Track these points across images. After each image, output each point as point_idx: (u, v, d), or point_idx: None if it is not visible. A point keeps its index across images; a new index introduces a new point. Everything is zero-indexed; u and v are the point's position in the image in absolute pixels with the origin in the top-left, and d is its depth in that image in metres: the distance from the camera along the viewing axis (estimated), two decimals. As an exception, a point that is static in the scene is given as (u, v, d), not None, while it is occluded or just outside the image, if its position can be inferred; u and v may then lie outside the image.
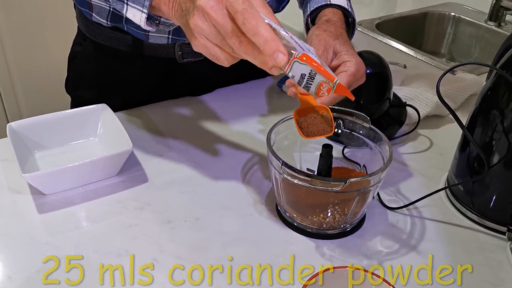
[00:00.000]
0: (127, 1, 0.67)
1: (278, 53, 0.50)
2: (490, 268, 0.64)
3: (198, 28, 0.55)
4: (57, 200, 0.71)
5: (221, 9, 0.53)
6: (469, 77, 1.02)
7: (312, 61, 0.53)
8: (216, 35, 0.54)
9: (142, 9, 0.66)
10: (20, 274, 0.61)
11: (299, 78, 0.55)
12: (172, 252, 0.64)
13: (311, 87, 0.55)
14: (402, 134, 0.87)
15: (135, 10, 0.67)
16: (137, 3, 0.66)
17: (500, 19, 1.37)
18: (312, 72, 0.54)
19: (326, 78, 0.54)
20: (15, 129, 0.76)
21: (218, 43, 0.55)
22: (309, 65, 0.53)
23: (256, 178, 0.77)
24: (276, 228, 0.69)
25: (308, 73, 0.54)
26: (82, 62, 0.97)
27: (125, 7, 0.68)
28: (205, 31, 0.55)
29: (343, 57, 0.69)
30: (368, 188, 0.64)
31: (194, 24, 0.55)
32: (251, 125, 0.90)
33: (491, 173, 0.67)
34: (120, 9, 0.69)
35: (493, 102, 0.66)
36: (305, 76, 0.54)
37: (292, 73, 0.54)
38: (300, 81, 0.55)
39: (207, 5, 0.53)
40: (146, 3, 0.65)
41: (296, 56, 0.53)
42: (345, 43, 0.71)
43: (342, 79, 0.67)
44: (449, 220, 0.71)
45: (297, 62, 0.53)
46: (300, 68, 0.54)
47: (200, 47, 0.57)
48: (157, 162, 0.80)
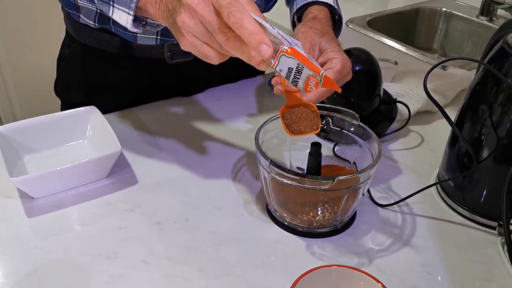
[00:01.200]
0: (113, 3, 0.67)
1: (263, 45, 0.51)
2: (482, 264, 0.64)
3: (185, 26, 0.55)
4: (46, 203, 0.71)
5: (207, 5, 0.53)
6: (460, 73, 1.02)
7: (298, 54, 0.53)
8: (203, 32, 0.55)
9: (128, 11, 0.65)
10: (9, 278, 0.60)
11: (286, 72, 0.55)
12: (162, 254, 0.64)
13: (299, 82, 0.55)
14: (393, 131, 0.87)
15: (121, 12, 0.66)
16: (123, 5, 0.66)
17: (491, 14, 1.37)
18: (299, 66, 0.54)
19: (313, 71, 0.54)
20: (3, 133, 0.75)
21: (206, 40, 0.55)
22: (296, 58, 0.53)
23: (246, 177, 0.77)
24: (267, 228, 0.68)
25: (295, 67, 0.54)
26: (71, 65, 0.97)
27: (111, 9, 0.68)
28: (193, 29, 0.55)
29: (329, 54, 0.69)
30: (357, 185, 0.64)
31: (182, 22, 0.55)
32: (242, 124, 0.89)
33: (481, 168, 0.67)
34: (106, 11, 0.69)
35: (482, 97, 0.66)
36: (292, 70, 0.54)
37: (280, 67, 0.54)
38: (288, 75, 0.55)
39: (193, 2, 0.54)
40: (132, 5, 0.64)
41: (283, 50, 0.53)
42: (331, 40, 0.71)
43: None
44: (440, 216, 0.71)
45: (284, 56, 0.54)
46: (287, 62, 0.54)
47: (189, 45, 0.57)
48: (147, 163, 0.79)
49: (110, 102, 0.91)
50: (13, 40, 1.94)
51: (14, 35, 1.94)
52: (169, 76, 0.95)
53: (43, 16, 1.92)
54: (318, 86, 0.55)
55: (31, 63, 2.00)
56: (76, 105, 0.82)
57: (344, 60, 0.69)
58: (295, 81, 0.55)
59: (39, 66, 1.98)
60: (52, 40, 1.87)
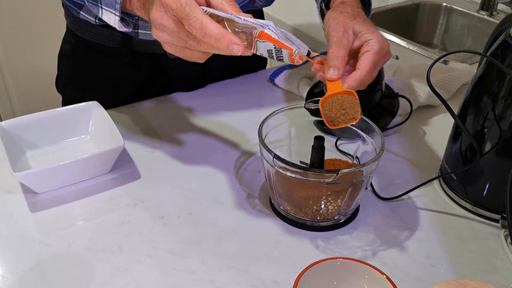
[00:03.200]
0: (101, 4, 0.68)
1: (233, 46, 0.53)
2: (485, 256, 0.64)
3: (160, 38, 0.59)
4: (49, 198, 0.71)
5: (170, 17, 0.56)
6: (462, 67, 1.02)
7: (269, 37, 0.55)
8: (178, 39, 0.58)
9: (114, 12, 0.67)
10: (13, 273, 0.60)
11: (268, 54, 0.57)
12: (166, 248, 0.64)
13: (284, 58, 0.57)
14: (395, 125, 0.87)
15: (109, 13, 0.68)
16: (109, 6, 0.67)
17: (492, 8, 1.37)
18: (279, 50, 0.56)
19: (287, 50, 0.56)
20: (5, 128, 0.75)
21: (183, 45, 0.58)
22: (268, 40, 0.55)
23: (249, 172, 0.77)
24: (270, 222, 0.69)
25: (273, 48, 0.56)
26: (72, 60, 0.96)
27: (100, 10, 0.69)
28: (167, 39, 0.59)
29: (364, 36, 0.67)
30: (360, 179, 0.64)
31: (156, 36, 0.59)
32: (244, 119, 0.89)
33: (484, 161, 0.67)
34: (96, 12, 0.70)
35: (484, 90, 0.66)
36: (272, 51, 0.57)
37: (260, 52, 0.57)
38: (271, 56, 0.57)
39: (157, 16, 0.57)
40: (117, 6, 0.66)
41: (255, 36, 0.55)
42: (364, 22, 0.68)
43: (368, 59, 0.65)
44: (443, 209, 0.71)
45: (258, 41, 0.56)
46: (263, 45, 0.56)
47: (172, 51, 0.60)
48: (149, 158, 0.79)
49: (111, 97, 0.91)
50: (12, 36, 1.94)
51: (13, 32, 1.93)
52: (169, 71, 0.95)
53: (42, 12, 1.92)
54: (303, 59, 0.57)
55: (30, 60, 1.99)
56: (77, 100, 0.82)
57: (381, 40, 0.66)
58: (280, 59, 0.57)
59: (38, 63, 1.98)
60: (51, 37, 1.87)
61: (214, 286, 0.59)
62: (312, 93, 0.91)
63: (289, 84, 0.97)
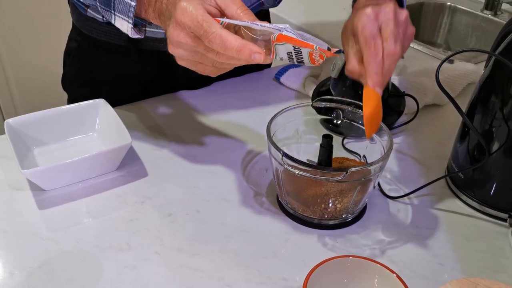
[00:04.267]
0: (114, 11, 0.68)
1: (254, 55, 0.54)
2: (492, 255, 0.64)
3: (176, 54, 0.60)
4: (57, 196, 0.71)
5: (186, 34, 0.57)
6: (467, 66, 1.02)
7: (287, 38, 0.55)
8: (194, 54, 0.59)
9: (127, 19, 0.68)
10: (21, 270, 0.61)
11: (288, 57, 0.57)
12: (174, 245, 0.64)
13: (304, 60, 0.57)
14: (401, 124, 0.87)
15: (122, 20, 0.68)
16: (123, 13, 0.67)
17: (496, 8, 1.37)
18: (295, 47, 0.56)
19: (308, 48, 0.56)
20: (13, 125, 0.75)
21: (199, 59, 0.60)
22: (287, 42, 0.55)
23: (256, 170, 0.77)
24: (278, 220, 0.69)
25: (292, 50, 0.56)
26: (78, 58, 0.96)
27: (113, 16, 0.69)
28: (184, 55, 0.60)
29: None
30: (369, 177, 0.64)
31: (172, 51, 0.60)
32: (250, 117, 0.89)
33: (491, 160, 0.67)
34: (109, 18, 0.70)
35: (493, 90, 0.66)
36: (291, 53, 0.56)
37: (280, 56, 0.57)
38: (291, 59, 0.57)
39: (174, 35, 0.58)
40: (130, 14, 0.67)
41: (274, 40, 0.55)
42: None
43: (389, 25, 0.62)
44: (450, 208, 0.72)
45: (277, 45, 0.55)
46: (282, 49, 0.56)
47: (185, 65, 0.62)
48: (156, 156, 0.79)
49: (117, 95, 0.91)
50: (14, 34, 1.93)
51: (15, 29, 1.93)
52: (176, 69, 0.95)
53: (44, 10, 1.92)
54: (324, 57, 0.57)
55: (32, 58, 1.99)
56: (83, 98, 0.82)
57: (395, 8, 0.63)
58: (301, 61, 0.57)
59: (41, 61, 1.98)
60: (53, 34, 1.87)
61: (223, 284, 0.59)
62: (318, 92, 0.91)
63: (294, 82, 0.97)
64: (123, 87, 0.95)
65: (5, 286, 0.59)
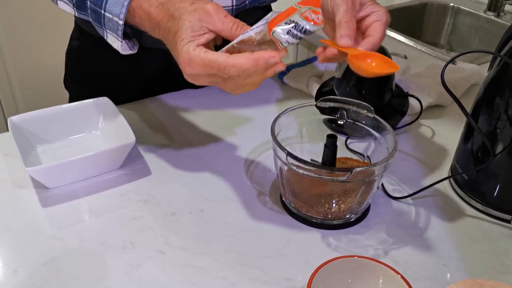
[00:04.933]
0: (104, 27, 0.69)
1: (270, 59, 0.55)
2: (496, 256, 0.64)
3: (196, 83, 0.62)
4: (60, 193, 0.71)
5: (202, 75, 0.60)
6: (470, 67, 1.02)
7: (275, 20, 0.56)
8: (213, 81, 0.61)
9: (117, 36, 0.68)
10: (25, 268, 0.61)
11: (292, 36, 0.56)
12: (178, 244, 0.64)
13: (304, 26, 0.57)
14: (404, 124, 0.87)
15: (112, 37, 0.68)
16: (112, 30, 0.68)
17: (499, 9, 1.37)
18: (287, 22, 0.56)
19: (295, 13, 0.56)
20: (16, 123, 0.75)
21: (215, 84, 0.61)
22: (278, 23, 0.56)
23: (259, 169, 0.77)
24: (281, 219, 0.69)
25: (288, 26, 0.56)
26: (80, 57, 0.96)
27: (105, 33, 0.70)
28: (204, 83, 0.61)
29: (370, 7, 0.66)
30: (373, 177, 0.64)
31: (191, 80, 0.62)
32: (253, 117, 0.89)
33: (495, 162, 0.67)
34: (101, 34, 0.71)
35: (497, 91, 0.66)
36: (290, 30, 0.56)
37: (284, 40, 0.56)
38: (295, 36, 0.57)
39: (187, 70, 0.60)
40: (119, 33, 0.67)
41: (269, 32, 0.56)
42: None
43: (379, 28, 0.64)
44: (454, 209, 0.71)
45: (275, 31, 0.56)
46: (280, 32, 0.56)
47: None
48: (160, 154, 0.79)
49: (120, 93, 0.91)
50: (16, 33, 1.93)
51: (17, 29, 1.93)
52: (178, 68, 0.95)
53: (45, 9, 1.92)
54: (317, 11, 0.57)
55: (34, 57, 1.99)
56: (85, 97, 0.82)
57: (386, 12, 0.66)
58: (304, 30, 0.57)
59: (42, 60, 1.98)
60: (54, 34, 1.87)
61: (227, 283, 0.59)
62: (322, 92, 0.91)
63: (297, 82, 0.97)
64: (125, 85, 0.95)
65: (9, 284, 0.59)
